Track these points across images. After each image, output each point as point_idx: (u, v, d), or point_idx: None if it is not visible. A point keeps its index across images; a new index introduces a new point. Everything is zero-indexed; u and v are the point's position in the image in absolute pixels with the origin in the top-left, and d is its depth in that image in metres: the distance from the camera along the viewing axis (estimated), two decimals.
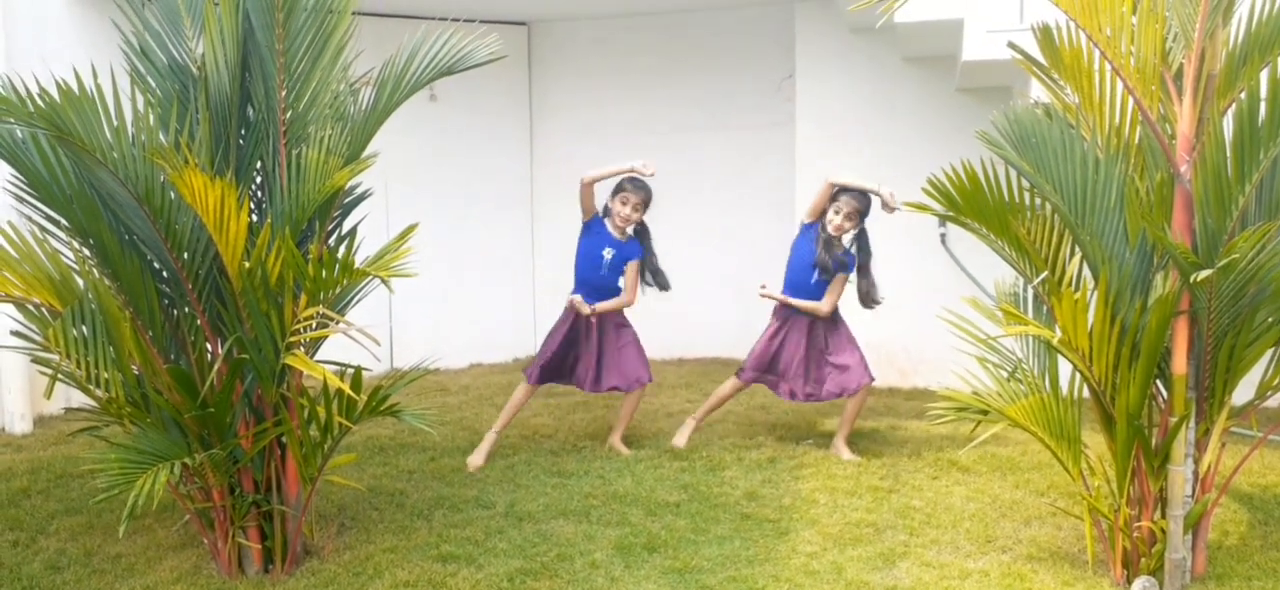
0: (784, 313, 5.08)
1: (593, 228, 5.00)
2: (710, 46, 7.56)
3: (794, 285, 5.03)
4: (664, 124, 7.61)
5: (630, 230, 5.03)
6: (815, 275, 4.95)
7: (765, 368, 5.12)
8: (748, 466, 4.88)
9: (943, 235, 6.59)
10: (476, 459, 4.92)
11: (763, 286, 5.05)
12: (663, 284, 5.11)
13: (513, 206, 7.89)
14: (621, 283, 5.02)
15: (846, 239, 4.98)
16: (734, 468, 4.85)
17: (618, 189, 5.00)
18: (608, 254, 4.97)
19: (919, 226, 6.29)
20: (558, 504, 4.36)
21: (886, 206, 4.78)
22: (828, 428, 5.61)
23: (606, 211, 5.04)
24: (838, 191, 4.92)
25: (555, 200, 7.68)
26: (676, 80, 7.62)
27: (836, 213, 4.92)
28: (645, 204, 5.01)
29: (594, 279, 4.99)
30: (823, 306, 4.95)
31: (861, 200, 4.91)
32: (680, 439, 5.17)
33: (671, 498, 4.42)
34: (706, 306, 7.56)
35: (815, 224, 4.99)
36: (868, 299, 5.03)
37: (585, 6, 7.42)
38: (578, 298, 4.94)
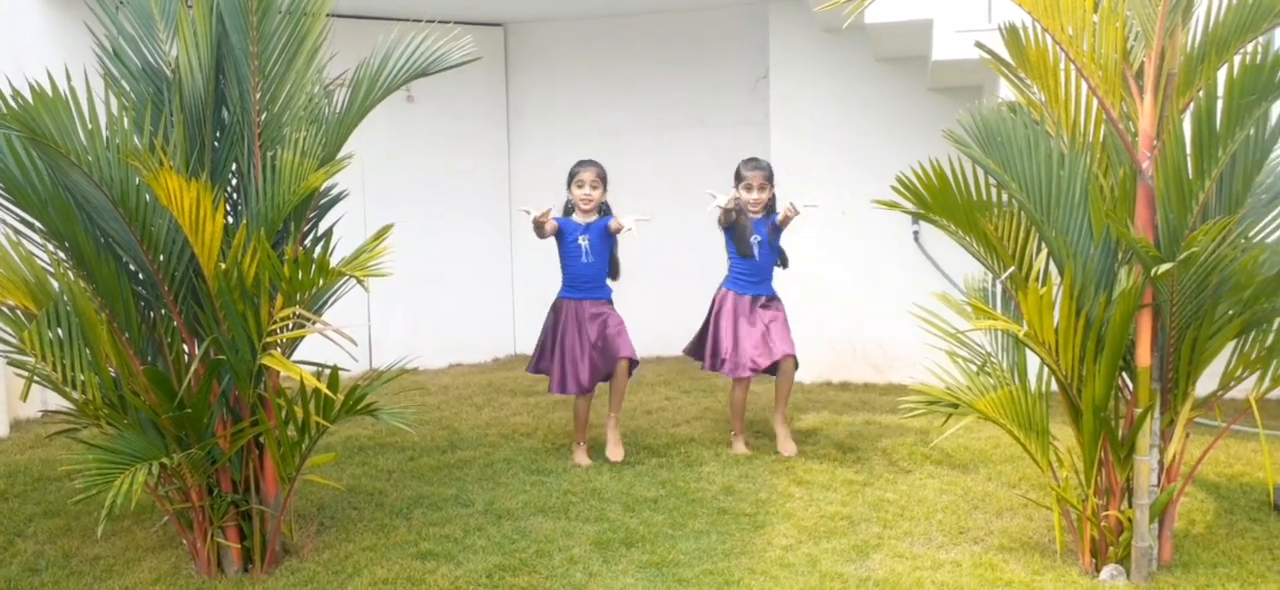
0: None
1: (563, 231, 4.95)
2: (685, 47, 7.61)
3: (758, 266, 5.08)
4: (640, 124, 7.65)
5: (595, 211, 4.96)
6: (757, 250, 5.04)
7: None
8: (725, 463, 4.92)
9: (916, 233, 6.67)
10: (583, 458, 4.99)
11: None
12: (614, 272, 5.06)
13: (491, 207, 7.91)
14: (613, 245, 4.98)
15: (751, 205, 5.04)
16: (711, 464, 4.90)
17: (571, 177, 4.99)
18: (583, 241, 4.90)
19: (892, 224, 6.36)
20: (536, 501, 4.39)
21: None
22: (808, 424, 5.67)
23: (569, 208, 5.02)
24: (738, 171, 5.09)
25: (533, 200, 7.66)
26: (652, 80, 7.67)
27: (748, 189, 5.02)
28: (602, 178, 4.96)
29: (583, 272, 4.92)
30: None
31: (765, 169, 5.07)
32: (741, 446, 5.13)
33: (649, 494, 4.47)
34: (684, 304, 7.59)
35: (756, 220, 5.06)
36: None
37: (561, 8, 7.46)
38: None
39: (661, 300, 7.19)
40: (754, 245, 5.04)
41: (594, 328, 4.93)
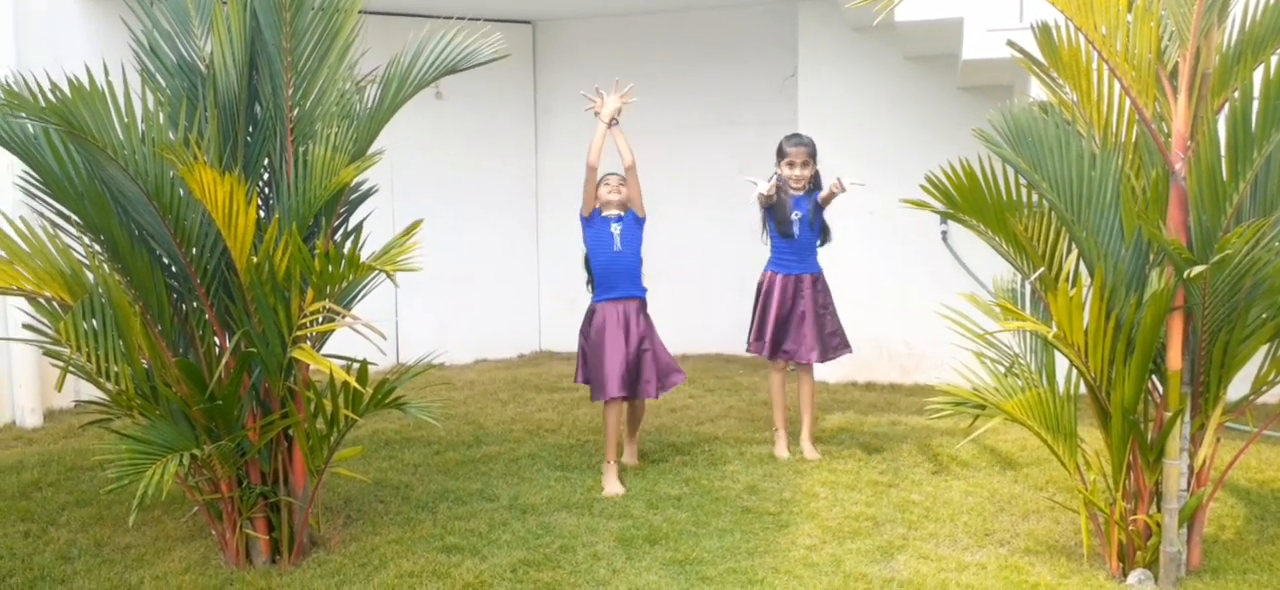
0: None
1: (592, 218, 4.89)
2: (714, 45, 7.60)
3: (799, 245, 5.06)
4: (668, 121, 7.65)
5: (621, 209, 4.89)
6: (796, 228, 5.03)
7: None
8: (749, 461, 4.92)
9: (944, 232, 6.63)
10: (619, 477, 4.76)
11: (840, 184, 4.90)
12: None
13: (517, 203, 7.94)
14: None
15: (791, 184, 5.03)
16: (735, 462, 4.90)
17: (601, 181, 4.90)
18: (616, 229, 4.82)
19: (921, 223, 6.33)
20: (561, 497, 4.41)
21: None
22: (833, 424, 5.65)
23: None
24: (781, 147, 5.08)
25: (560, 197, 7.73)
26: (680, 78, 7.66)
27: (791, 166, 5.01)
28: (624, 183, 4.91)
29: (616, 261, 4.80)
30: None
31: (809, 145, 5.06)
32: (782, 449, 5.07)
33: (673, 491, 4.47)
34: (710, 302, 7.61)
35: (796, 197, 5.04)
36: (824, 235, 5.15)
37: (589, 5, 7.47)
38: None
39: (686, 298, 7.19)
40: (794, 222, 5.00)
41: (636, 334, 4.78)
